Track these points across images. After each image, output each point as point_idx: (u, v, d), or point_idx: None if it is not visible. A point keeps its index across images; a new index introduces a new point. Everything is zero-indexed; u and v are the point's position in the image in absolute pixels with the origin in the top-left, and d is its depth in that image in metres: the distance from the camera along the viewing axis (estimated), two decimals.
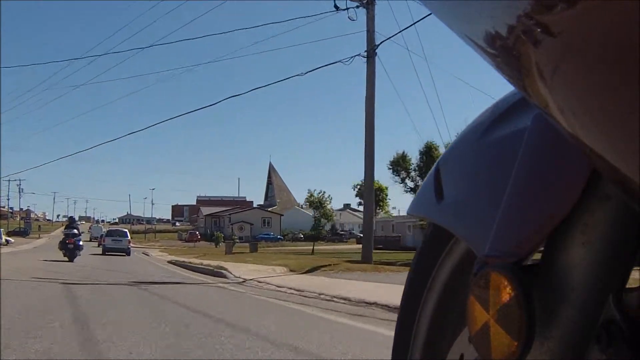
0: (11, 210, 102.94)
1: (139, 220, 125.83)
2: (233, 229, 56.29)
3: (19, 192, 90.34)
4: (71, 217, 20.68)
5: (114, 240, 29.40)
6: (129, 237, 30.54)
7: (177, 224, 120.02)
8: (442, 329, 0.76)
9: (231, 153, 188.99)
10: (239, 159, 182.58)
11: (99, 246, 36.84)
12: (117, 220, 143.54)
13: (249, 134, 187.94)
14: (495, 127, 0.63)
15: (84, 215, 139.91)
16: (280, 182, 79.04)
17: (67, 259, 17.57)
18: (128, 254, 28.32)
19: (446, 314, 0.76)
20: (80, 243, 18.53)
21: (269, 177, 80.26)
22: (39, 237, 56.80)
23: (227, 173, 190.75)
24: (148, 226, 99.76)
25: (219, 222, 75.96)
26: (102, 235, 37.31)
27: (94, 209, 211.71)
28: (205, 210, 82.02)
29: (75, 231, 18.36)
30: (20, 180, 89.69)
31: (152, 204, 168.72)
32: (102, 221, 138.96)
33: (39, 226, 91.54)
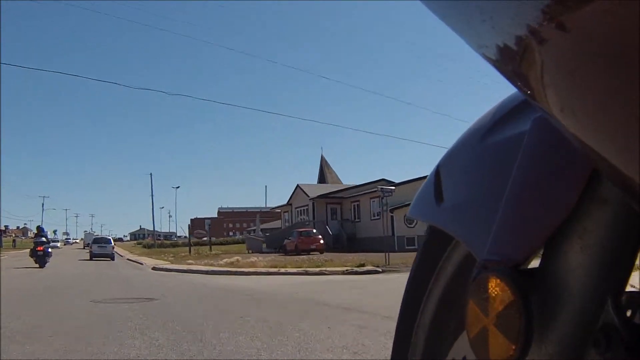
0: (6, 228, 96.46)
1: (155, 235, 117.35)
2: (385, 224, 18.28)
3: None
4: (38, 226, 21.14)
5: (100, 246, 31.86)
6: (113, 244, 33.65)
7: (204, 238, 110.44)
8: (442, 331, 0.76)
9: (253, 161, 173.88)
10: (260, 168, 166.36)
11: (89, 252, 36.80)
12: (128, 237, 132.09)
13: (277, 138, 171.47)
14: (495, 130, 0.63)
15: (89, 231, 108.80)
16: (335, 179, 49.16)
17: (38, 266, 18.39)
18: (112, 258, 30.61)
19: (446, 317, 0.75)
20: (49, 250, 19.51)
21: (321, 171, 49.56)
22: None
23: (248, 183, 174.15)
24: (160, 241, 74.71)
25: (340, 210, 36.37)
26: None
27: (101, 225, 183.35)
28: (312, 192, 37.39)
29: (44, 239, 19.49)
30: None
31: (170, 215, 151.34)
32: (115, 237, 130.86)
33: (14, 241, 73.24)
